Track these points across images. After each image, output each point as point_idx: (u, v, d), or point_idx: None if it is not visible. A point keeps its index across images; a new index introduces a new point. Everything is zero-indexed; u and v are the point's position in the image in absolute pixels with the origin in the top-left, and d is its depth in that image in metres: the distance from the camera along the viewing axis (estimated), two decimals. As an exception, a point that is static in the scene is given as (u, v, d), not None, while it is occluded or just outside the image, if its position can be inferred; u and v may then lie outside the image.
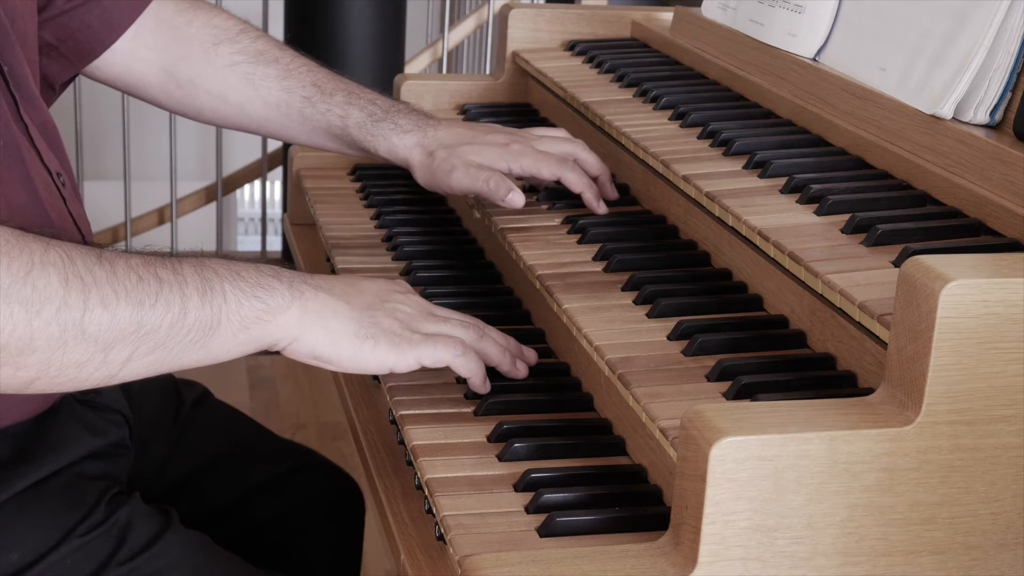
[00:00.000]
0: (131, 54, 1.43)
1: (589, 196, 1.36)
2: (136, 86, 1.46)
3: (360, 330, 1.10)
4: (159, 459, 1.41)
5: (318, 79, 1.46)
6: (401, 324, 1.12)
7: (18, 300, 0.95)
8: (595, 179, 1.39)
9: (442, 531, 1.00)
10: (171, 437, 1.44)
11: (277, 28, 3.69)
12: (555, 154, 1.38)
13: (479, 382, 1.16)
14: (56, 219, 1.20)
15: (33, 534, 1.17)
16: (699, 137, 1.35)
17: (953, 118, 1.17)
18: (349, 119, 1.43)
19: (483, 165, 1.35)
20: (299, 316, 1.08)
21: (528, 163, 1.36)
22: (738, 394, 0.99)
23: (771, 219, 1.13)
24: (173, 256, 1.06)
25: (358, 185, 1.74)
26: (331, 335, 1.09)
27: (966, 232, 1.06)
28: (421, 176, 1.40)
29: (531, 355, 1.23)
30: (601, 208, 1.36)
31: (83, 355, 0.99)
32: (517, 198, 1.31)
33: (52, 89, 1.38)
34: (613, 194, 1.40)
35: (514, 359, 1.20)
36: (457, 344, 1.13)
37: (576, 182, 1.35)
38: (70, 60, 1.38)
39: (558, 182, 1.37)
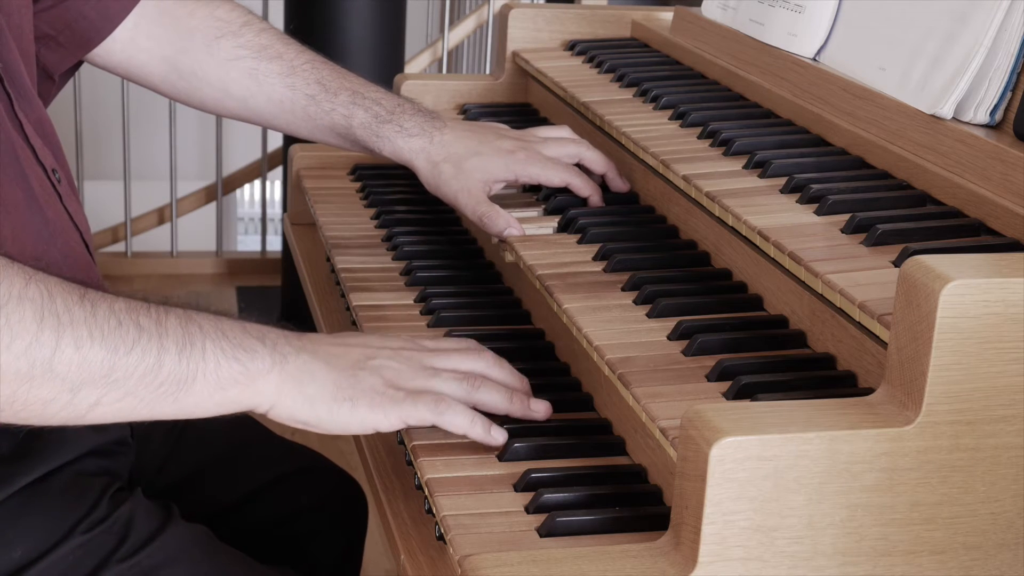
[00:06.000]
0: (132, 43, 1.42)
1: (596, 199, 1.38)
2: (138, 75, 1.46)
3: (338, 392, 1.07)
4: (159, 458, 1.41)
5: (322, 76, 1.45)
6: (385, 382, 1.08)
7: None
8: (603, 175, 1.42)
9: (442, 531, 1.00)
10: (171, 436, 1.43)
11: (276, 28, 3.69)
12: (562, 159, 1.40)
13: (480, 433, 1.09)
14: (52, 217, 1.20)
15: (36, 531, 1.17)
16: (699, 137, 1.36)
17: (953, 118, 1.17)
18: (353, 119, 1.43)
19: (488, 180, 1.36)
20: (278, 382, 1.06)
21: (536, 171, 1.38)
22: (738, 394, 0.99)
23: (771, 219, 1.13)
24: (162, 305, 1.04)
25: (358, 185, 1.74)
26: (308, 400, 1.06)
27: (966, 232, 1.06)
28: (426, 184, 1.41)
29: (544, 407, 1.14)
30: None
31: (49, 393, 0.97)
32: (514, 232, 1.32)
33: (51, 80, 1.37)
34: (624, 186, 1.42)
35: (525, 400, 1.13)
36: (440, 402, 1.08)
37: (583, 187, 1.38)
38: (68, 49, 1.37)
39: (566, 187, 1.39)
